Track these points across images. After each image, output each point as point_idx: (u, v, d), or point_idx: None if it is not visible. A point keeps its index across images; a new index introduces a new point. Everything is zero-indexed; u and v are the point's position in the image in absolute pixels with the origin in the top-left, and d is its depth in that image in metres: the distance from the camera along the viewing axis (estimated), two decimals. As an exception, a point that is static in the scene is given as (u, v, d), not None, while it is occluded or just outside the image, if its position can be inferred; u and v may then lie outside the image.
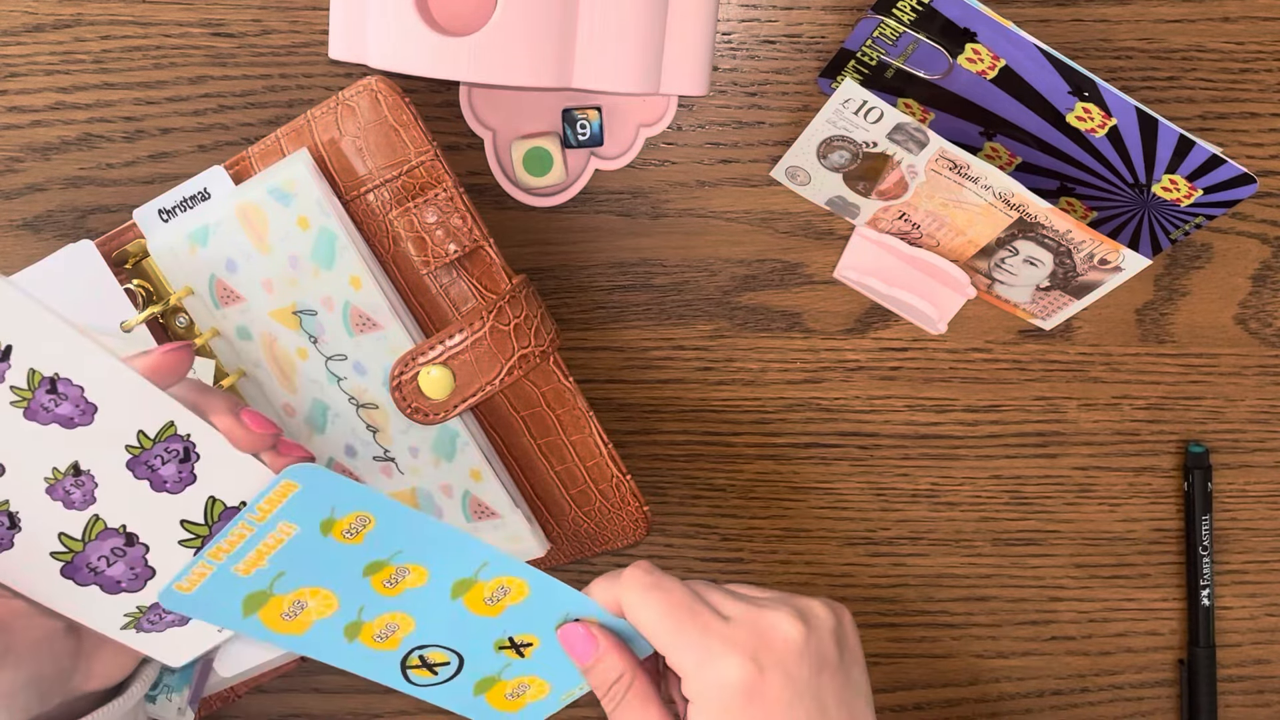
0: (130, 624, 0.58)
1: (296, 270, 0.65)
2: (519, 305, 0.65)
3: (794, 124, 0.75)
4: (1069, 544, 0.79)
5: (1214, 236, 0.77)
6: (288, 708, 0.79)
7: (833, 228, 0.76)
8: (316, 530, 0.55)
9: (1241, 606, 0.80)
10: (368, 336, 0.66)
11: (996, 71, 0.69)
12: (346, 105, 0.65)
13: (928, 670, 0.80)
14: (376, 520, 0.55)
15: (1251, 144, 0.75)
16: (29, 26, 0.73)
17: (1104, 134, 0.69)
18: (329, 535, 0.55)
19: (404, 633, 0.58)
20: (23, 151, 0.74)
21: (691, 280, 0.76)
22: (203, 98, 0.74)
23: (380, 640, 0.58)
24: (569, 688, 0.61)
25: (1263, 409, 0.78)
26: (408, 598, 0.58)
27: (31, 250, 0.75)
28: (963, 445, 0.78)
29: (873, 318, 0.77)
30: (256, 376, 0.69)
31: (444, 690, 0.60)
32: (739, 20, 0.74)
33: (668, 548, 0.78)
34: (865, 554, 0.79)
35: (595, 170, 0.75)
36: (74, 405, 0.53)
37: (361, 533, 0.55)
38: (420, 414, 0.66)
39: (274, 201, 0.64)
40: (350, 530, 0.55)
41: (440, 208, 0.64)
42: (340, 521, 0.55)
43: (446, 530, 0.56)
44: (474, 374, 0.65)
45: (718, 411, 0.77)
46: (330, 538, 0.55)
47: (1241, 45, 0.74)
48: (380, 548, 0.56)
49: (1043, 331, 0.77)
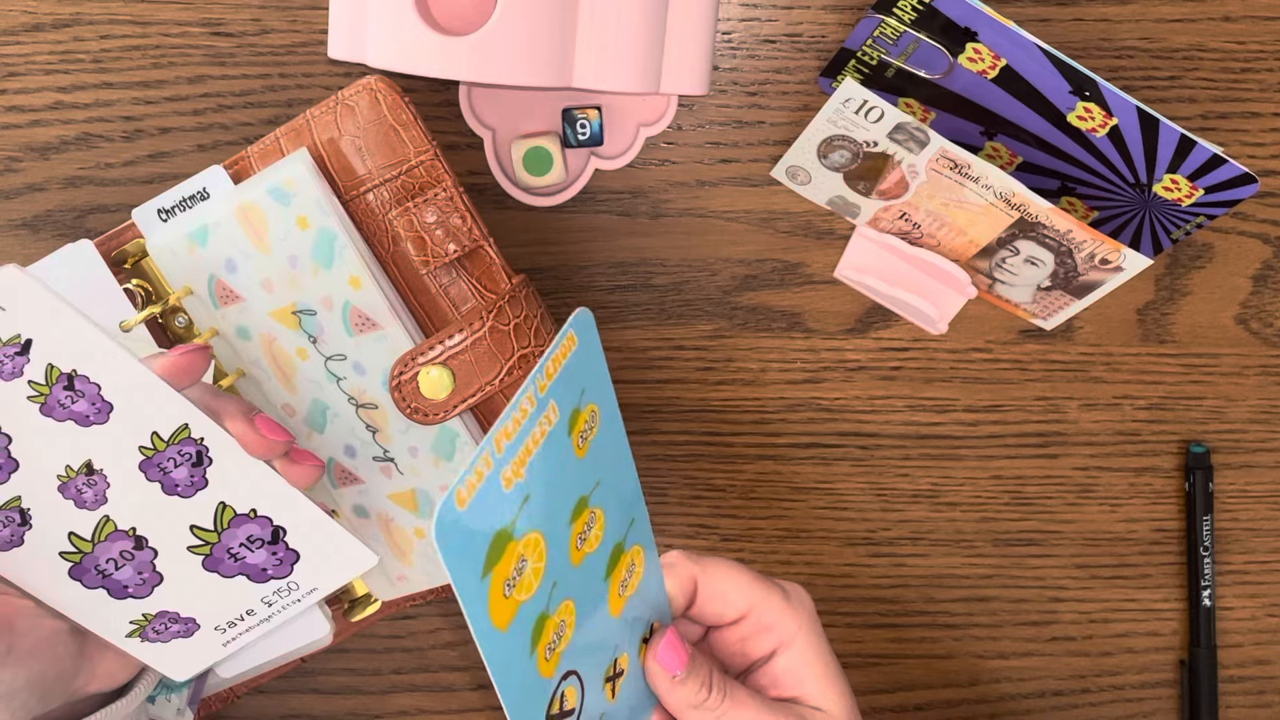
0: (135, 632, 0.58)
1: (296, 270, 0.65)
2: (519, 305, 0.65)
3: (794, 124, 0.75)
4: (1070, 544, 0.79)
5: (1215, 236, 0.76)
6: (288, 708, 0.79)
7: (833, 228, 0.76)
8: (566, 425, 0.47)
9: (1243, 607, 0.80)
10: (367, 336, 0.66)
11: (997, 71, 0.68)
12: (346, 105, 0.65)
13: (928, 671, 0.80)
14: (600, 421, 0.48)
15: (1253, 144, 0.75)
16: (28, 26, 0.73)
17: (1105, 133, 0.69)
18: (570, 436, 0.47)
19: (563, 644, 0.49)
20: (22, 151, 0.74)
21: (691, 280, 0.76)
22: (202, 97, 0.74)
23: (547, 655, 0.48)
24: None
25: (1264, 409, 0.78)
26: (583, 572, 0.49)
27: (31, 250, 0.74)
28: (963, 445, 0.78)
29: (873, 318, 0.77)
30: (256, 376, 0.69)
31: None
32: (739, 20, 0.74)
33: (668, 548, 0.78)
34: (866, 554, 0.79)
35: (595, 170, 0.75)
36: (90, 403, 0.53)
37: (588, 439, 0.48)
38: (420, 414, 0.66)
39: (273, 201, 0.64)
40: (584, 433, 0.48)
41: (440, 207, 0.64)
42: (582, 414, 0.47)
43: (625, 451, 0.50)
44: (473, 374, 0.65)
45: (718, 411, 0.77)
46: (569, 441, 0.47)
47: (1243, 45, 0.74)
48: (594, 467, 0.48)
49: (1043, 331, 0.77)
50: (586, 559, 0.49)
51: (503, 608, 0.45)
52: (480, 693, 0.78)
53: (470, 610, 0.43)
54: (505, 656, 0.46)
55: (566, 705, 0.49)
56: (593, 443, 0.48)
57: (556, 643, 0.48)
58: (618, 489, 0.50)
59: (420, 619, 0.78)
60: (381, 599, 0.74)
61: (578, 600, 0.49)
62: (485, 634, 0.45)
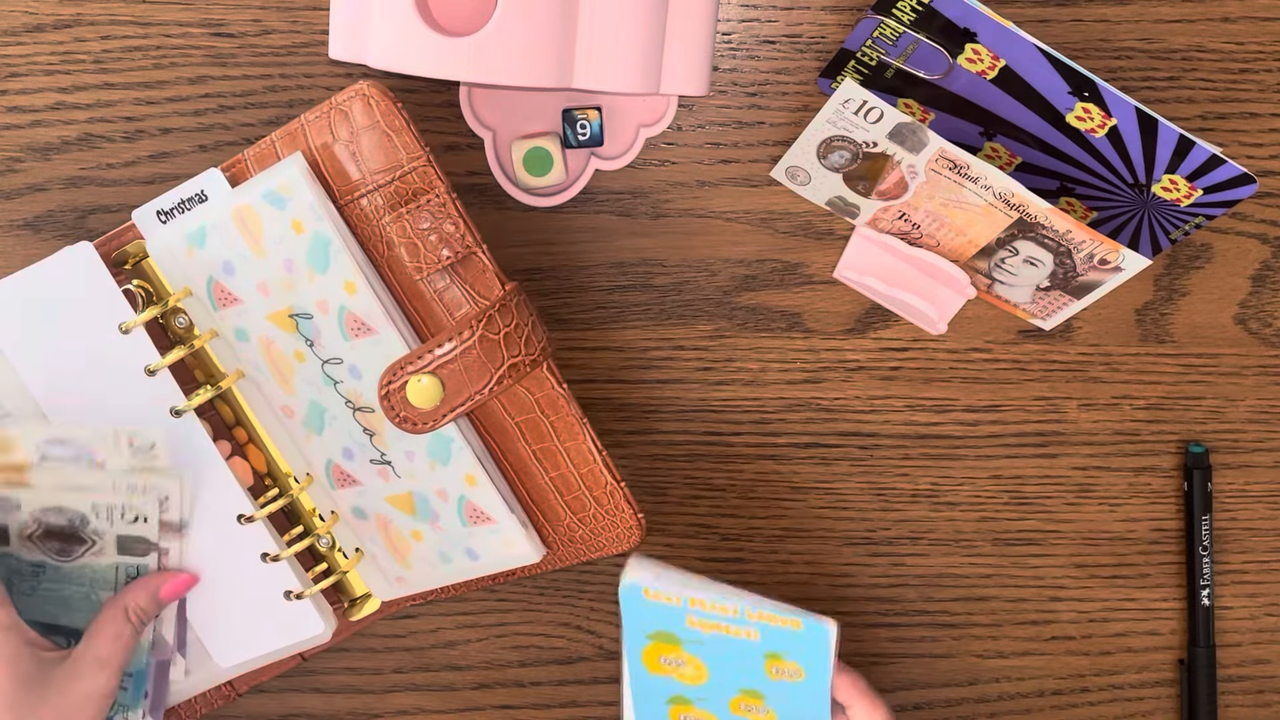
0: None
1: (292, 274, 0.65)
2: (509, 314, 0.65)
3: (794, 124, 0.75)
4: (1069, 544, 0.79)
5: (1214, 236, 0.76)
6: (288, 706, 0.79)
7: (833, 228, 0.76)
8: (762, 651, 0.65)
9: (1241, 606, 0.80)
10: (363, 341, 0.66)
11: (996, 72, 0.68)
12: (339, 110, 0.65)
13: (928, 670, 0.80)
14: (805, 676, 0.65)
15: (1251, 144, 0.75)
16: (29, 26, 0.73)
17: (1104, 134, 0.69)
18: (764, 658, 0.66)
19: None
20: (23, 151, 0.74)
21: (691, 280, 0.76)
22: (203, 98, 0.74)
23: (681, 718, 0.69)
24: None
25: (1262, 409, 0.78)
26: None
27: (32, 250, 0.75)
28: (963, 445, 0.78)
29: (873, 318, 0.77)
30: (255, 378, 0.69)
31: None
32: (739, 20, 0.74)
33: (668, 548, 0.78)
34: (865, 554, 0.79)
35: (595, 170, 0.75)
36: None
37: (780, 674, 0.66)
38: (409, 423, 0.66)
39: (268, 205, 0.64)
40: (779, 667, 0.65)
41: (433, 213, 0.64)
42: (786, 663, 0.65)
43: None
44: (463, 383, 0.65)
45: (718, 411, 0.78)
46: (762, 664, 0.66)
47: (1241, 45, 0.74)
48: (778, 694, 0.67)
49: (1043, 331, 0.77)
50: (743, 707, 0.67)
51: (655, 661, 0.66)
52: (480, 691, 0.79)
53: (629, 636, 0.65)
54: (645, 689, 0.67)
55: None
56: (786, 684, 0.65)
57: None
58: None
59: (420, 618, 0.78)
60: (381, 599, 0.74)
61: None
62: (635, 661, 0.66)
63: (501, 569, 0.71)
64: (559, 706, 0.79)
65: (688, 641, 0.65)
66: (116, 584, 0.68)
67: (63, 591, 0.68)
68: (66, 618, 0.68)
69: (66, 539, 0.67)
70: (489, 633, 0.78)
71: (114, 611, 0.65)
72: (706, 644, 0.65)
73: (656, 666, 0.66)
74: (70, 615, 0.68)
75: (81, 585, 0.68)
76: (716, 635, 0.64)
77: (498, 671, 0.79)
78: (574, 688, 0.79)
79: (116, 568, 0.68)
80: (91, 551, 0.67)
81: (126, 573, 0.68)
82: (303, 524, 0.72)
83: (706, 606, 0.64)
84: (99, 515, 0.66)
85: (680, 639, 0.65)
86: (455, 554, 0.70)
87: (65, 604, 0.68)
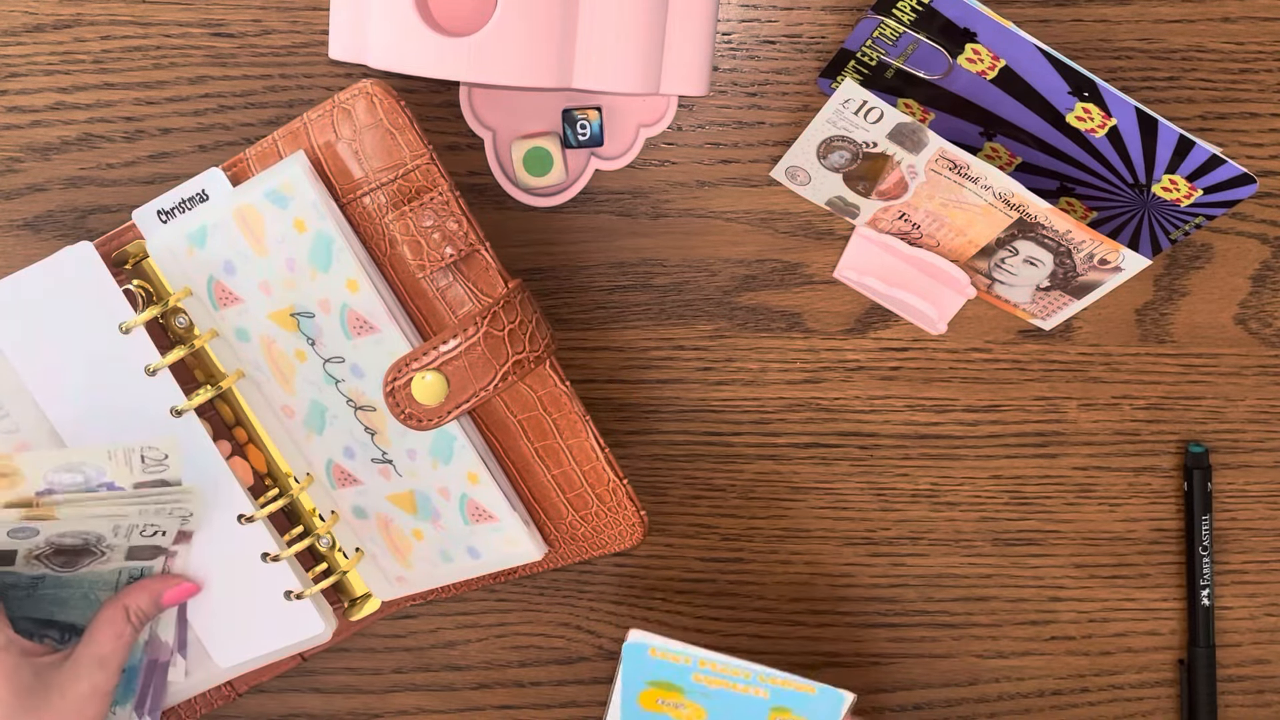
0: None
1: (294, 273, 0.65)
2: (513, 311, 0.65)
3: (794, 124, 0.75)
4: (1069, 544, 0.79)
5: (1214, 236, 0.76)
6: (288, 706, 0.79)
7: (833, 228, 0.76)
8: (767, 709, 0.66)
9: (1241, 606, 0.80)
10: (365, 339, 0.66)
11: (996, 72, 0.68)
12: (342, 108, 0.65)
13: (928, 670, 0.80)
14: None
15: (1251, 144, 0.75)
16: (29, 26, 0.73)
17: (1104, 134, 0.69)
18: (769, 713, 0.67)
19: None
20: (23, 151, 0.74)
21: (691, 280, 0.76)
22: (203, 98, 0.74)
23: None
24: None
25: (1262, 409, 0.78)
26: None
27: (32, 250, 0.75)
28: (963, 445, 0.78)
29: (873, 318, 0.77)
30: (255, 378, 0.69)
31: None
32: (739, 20, 0.74)
33: (668, 548, 0.78)
34: (865, 554, 0.79)
35: (595, 170, 0.75)
36: None
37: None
38: (414, 420, 0.66)
39: (270, 204, 0.64)
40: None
41: (436, 211, 0.64)
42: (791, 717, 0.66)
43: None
44: (467, 380, 0.65)
45: (718, 411, 0.78)
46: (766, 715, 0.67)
47: (1241, 45, 0.74)
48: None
49: (1043, 331, 0.77)
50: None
51: (653, 702, 0.66)
52: (480, 691, 0.79)
53: (626, 684, 0.65)
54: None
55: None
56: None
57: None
58: None
59: (421, 618, 0.78)
60: (381, 599, 0.74)
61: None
62: (630, 702, 0.66)
63: (503, 567, 0.71)
64: (559, 706, 0.79)
65: (691, 691, 0.65)
66: (117, 585, 0.68)
67: (60, 593, 0.68)
68: (62, 614, 0.68)
69: (76, 554, 0.66)
70: (489, 633, 0.78)
71: (114, 611, 0.65)
72: (711, 696, 0.65)
73: (653, 706, 0.66)
74: (66, 612, 0.68)
75: (80, 587, 0.68)
76: (723, 690, 0.64)
77: (498, 671, 0.79)
78: (574, 688, 0.79)
79: (120, 571, 0.68)
80: (99, 561, 0.67)
81: (129, 575, 0.68)
82: (303, 524, 0.72)
83: (717, 668, 0.64)
84: (118, 534, 0.66)
85: (683, 688, 0.65)
86: (457, 552, 0.70)
87: (62, 602, 0.68)
